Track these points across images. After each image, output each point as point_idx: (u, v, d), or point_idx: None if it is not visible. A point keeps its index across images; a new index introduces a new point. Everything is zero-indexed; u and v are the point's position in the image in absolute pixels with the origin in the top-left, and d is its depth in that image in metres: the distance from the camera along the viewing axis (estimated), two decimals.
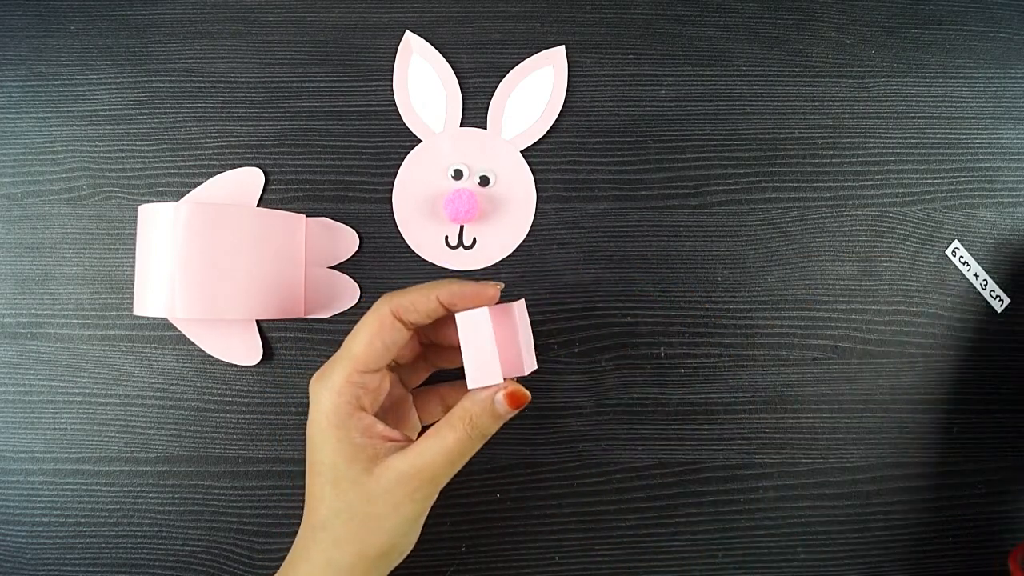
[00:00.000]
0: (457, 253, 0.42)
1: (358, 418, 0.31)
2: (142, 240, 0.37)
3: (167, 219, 0.36)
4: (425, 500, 0.31)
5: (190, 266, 0.35)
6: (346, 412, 0.31)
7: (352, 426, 0.31)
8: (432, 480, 0.31)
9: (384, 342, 0.32)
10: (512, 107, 0.42)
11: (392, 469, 0.30)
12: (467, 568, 0.40)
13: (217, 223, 0.36)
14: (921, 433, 0.42)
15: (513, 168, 0.42)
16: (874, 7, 0.45)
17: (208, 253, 0.36)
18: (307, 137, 0.42)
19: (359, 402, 0.32)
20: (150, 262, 0.36)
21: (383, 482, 0.30)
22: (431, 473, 0.30)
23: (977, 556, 0.42)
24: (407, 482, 0.30)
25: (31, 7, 0.43)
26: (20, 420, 0.40)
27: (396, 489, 0.30)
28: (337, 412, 0.31)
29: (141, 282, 0.37)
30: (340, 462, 0.31)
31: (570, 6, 0.44)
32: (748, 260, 0.43)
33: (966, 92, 0.45)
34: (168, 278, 0.36)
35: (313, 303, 0.41)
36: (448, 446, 0.30)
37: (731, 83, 0.44)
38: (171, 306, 0.36)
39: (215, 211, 0.36)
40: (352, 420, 0.31)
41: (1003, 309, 0.43)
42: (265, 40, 0.43)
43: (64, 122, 0.42)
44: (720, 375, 0.42)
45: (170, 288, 0.36)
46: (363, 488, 0.30)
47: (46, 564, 0.40)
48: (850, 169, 0.44)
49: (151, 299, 0.36)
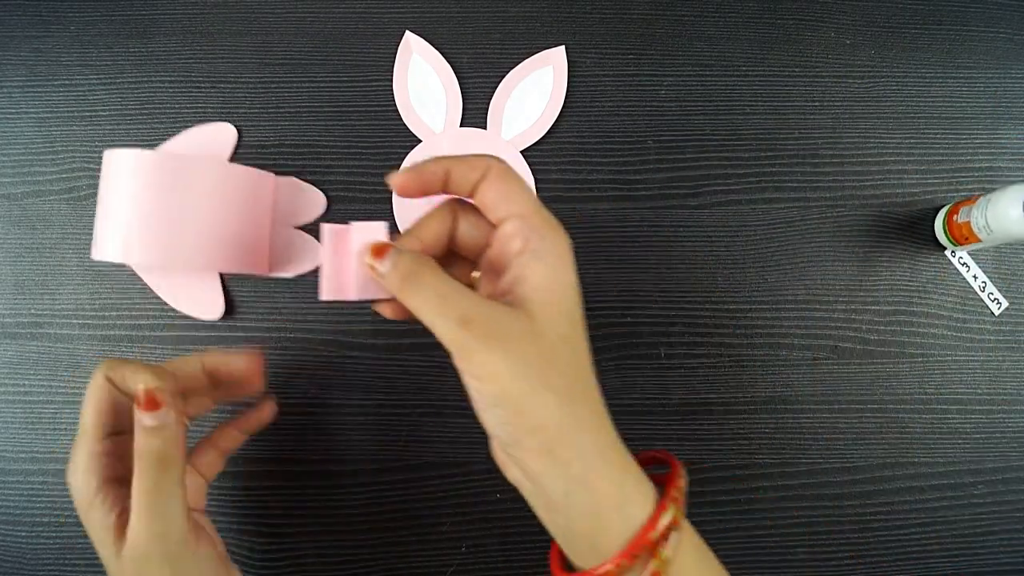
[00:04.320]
0: None
1: (103, 496, 0.30)
2: (104, 185, 0.37)
3: (128, 165, 0.36)
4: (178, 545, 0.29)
5: (149, 213, 0.35)
6: (92, 492, 0.30)
7: (97, 506, 0.29)
8: (164, 536, 0.29)
9: (110, 409, 0.31)
10: (512, 107, 0.42)
11: (130, 545, 0.29)
12: (467, 568, 0.40)
13: (180, 173, 0.36)
14: (921, 433, 0.42)
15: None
16: (874, 7, 0.45)
17: (170, 202, 0.36)
18: (307, 137, 0.42)
19: (112, 471, 0.30)
20: (110, 207, 0.36)
21: (128, 561, 0.29)
22: (160, 530, 0.29)
23: (976, 556, 0.42)
24: (146, 552, 0.29)
25: (31, 7, 0.43)
26: (20, 420, 0.40)
27: (143, 561, 0.29)
28: (84, 494, 0.30)
29: (100, 227, 0.37)
30: (97, 546, 0.30)
31: (570, 6, 0.44)
32: (748, 260, 0.43)
33: (966, 92, 0.45)
34: (126, 224, 0.36)
35: (278, 261, 0.40)
36: (140, 490, 0.29)
37: (731, 83, 0.44)
38: (127, 251, 0.36)
39: (179, 161, 0.36)
40: (97, 499, 0.30)
41: (1000, 312, 0.43)
42: (265, 40, 0.43)
43: (64, 122, 0.42)
44: (720, 375, 0.42)
45: (127, 233, 0.36)
46: (120, 569, 0.29)
47: (46, 564, 0.40)
48: (850, 169, 0.44)
49: (109, 243, 0.36)
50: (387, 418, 0.41)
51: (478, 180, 0.28)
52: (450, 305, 0.25)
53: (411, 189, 0.28)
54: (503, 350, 0.25)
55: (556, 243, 0.27)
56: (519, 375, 0.25)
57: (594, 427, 0.26)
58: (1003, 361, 0.43)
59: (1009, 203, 0.37)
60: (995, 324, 0.43)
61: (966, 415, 0.43)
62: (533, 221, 0.27)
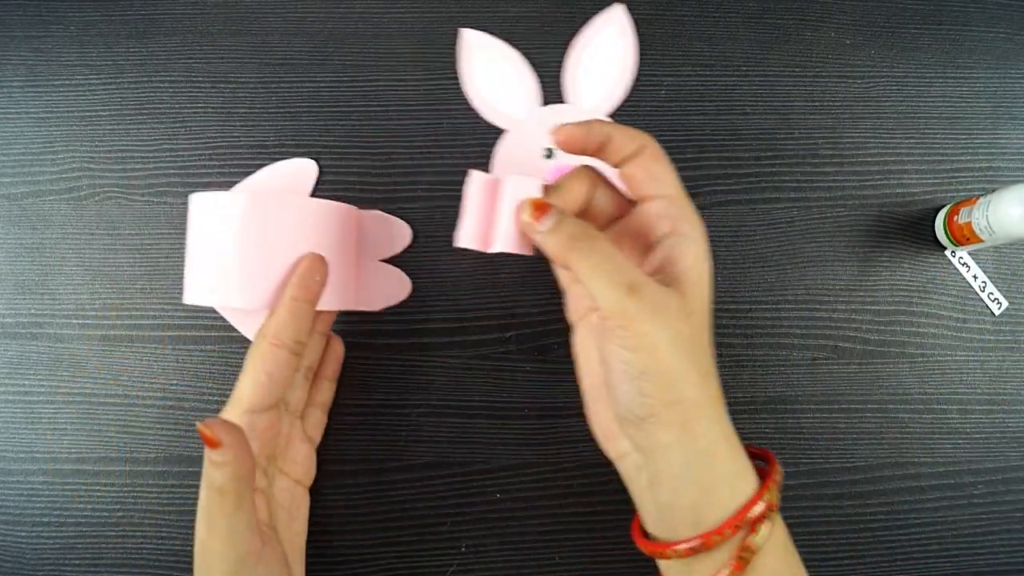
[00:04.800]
0: None
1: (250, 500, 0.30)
2: (196, 229, 0.35)
3: (224, 208, 0.34)
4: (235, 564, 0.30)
5: (245, 255, 0.33)
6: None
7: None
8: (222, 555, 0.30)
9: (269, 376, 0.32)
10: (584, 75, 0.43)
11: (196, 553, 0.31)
12: (467, 568, 0.40)
13: (272, 212, 0.34)
14: (921, 433, 0.42)
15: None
16: (874, 7, 0.45)
17: (264, 243, 0.34)
18: (307, 137, 0.42)
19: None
20: (205, 251, 0.34)
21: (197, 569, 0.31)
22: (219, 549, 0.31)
23: (976, 556, 0.42)
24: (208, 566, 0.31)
25: (31, 7, 0.43)
26: (20, 420, 0.40)
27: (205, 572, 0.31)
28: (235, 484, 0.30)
29: (194, 271, 0.35)
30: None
31: (570, 6, 0.44)
32: (748, 260, 0.43)
33: (966, 92, 0.45)
34: (224, 268, 0.34)
35: (364, 295, 0.40)
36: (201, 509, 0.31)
37: (731, 83, 0.44)
38: (226, 296, 0.34)
39: (274, 200, 0.34)
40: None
41: (1000, 312, 0.43)
42: (265, 40, 0.43)
43: (64, 122, 0.42)
44: (720, 375, 0.42)
45: (225, 277, 0.34)
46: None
47: (46, 564, 0.40)
48: (850, 169, 0.44)
49: (205, 288, 0.34)
50: (387, 418, 0.41)
51: (632, 154, 0.29)
52: (622, 271, 0.26)
53: (574, 144, 0.29)
54: (664, 323, 0.26)
55: (701, 230, 0.29)
56: (674, 349, 0.26)
57: (720, 407, 0.28)
58: (1003, 361, 0.43)
59: (1011, 203, 0.37)
60: (995, 324, 0.43)
61: (966, 415, 0.42)
62: (681, 205, 0.29)
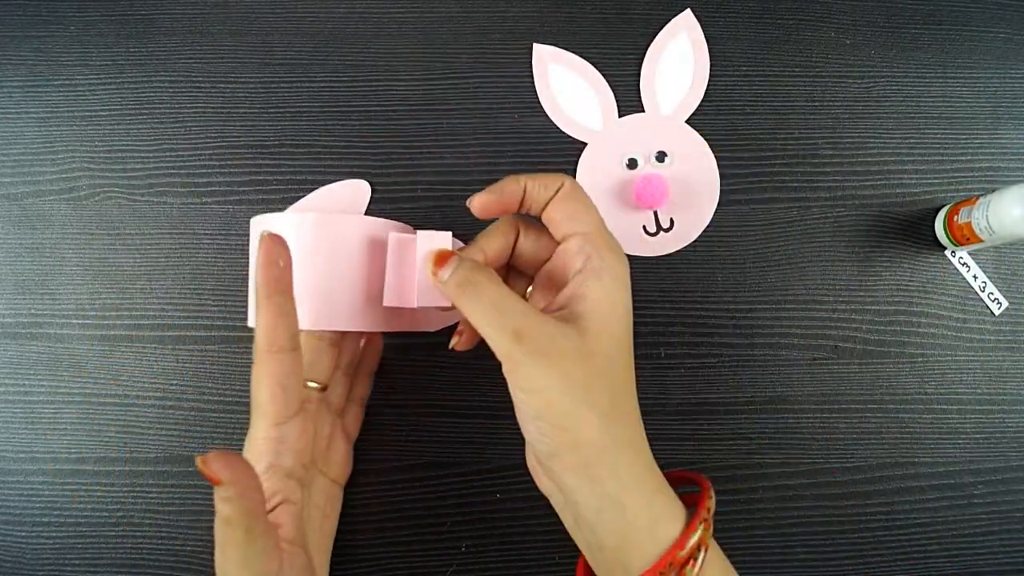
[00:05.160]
0: (659, 238, 0.42)
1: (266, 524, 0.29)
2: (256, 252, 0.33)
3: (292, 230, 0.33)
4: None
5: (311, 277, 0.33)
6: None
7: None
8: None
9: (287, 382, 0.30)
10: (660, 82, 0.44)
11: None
12: (467, 568, 0.40)
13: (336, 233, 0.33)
14: (921, 433, 0.42)
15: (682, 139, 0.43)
16: (874, 7, 0.45)
17: (329, 265, 0.33)
18: (307, 137, 0.42)
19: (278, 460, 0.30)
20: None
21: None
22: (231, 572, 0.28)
23: (976, 556, 0.42)
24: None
25: (31, 7, 0.43)
26: (20, 420, 0.40)
27: None
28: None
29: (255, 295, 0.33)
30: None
31: (571, 6, 0.44)
32: (748, 260, 0.43)
33: (966, 92, 0.45)
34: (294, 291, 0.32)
35: (423, 316, 0.39)
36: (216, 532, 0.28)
37: (731, 83, 0.44)
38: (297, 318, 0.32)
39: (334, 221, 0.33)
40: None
41: (1000, 312, 0.43)
42: (265, 40, 0.43)
43: (64, 122, 0.42)
44: (720, 375, 0.42)
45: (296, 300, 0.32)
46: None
47: (46, 564, 0.39)
48: (850, 169, 0.44)
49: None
50: (387, 418, 0.41)
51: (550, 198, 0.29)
52: (505, 316, 0.26)
53: (492, 209, 0.29)
54: (551, 366, 0.25)
55: (615, 264, 0.28)
56: (564, 392, 0.25)
57: (631, 448, 0.27)
58: (1003, 361, 0.43)
59: (1011, 203, 0.37)
60: (995, 324, 0.43)
61: (966, 415, 0.42)
62: (596, 240, 0.28)
